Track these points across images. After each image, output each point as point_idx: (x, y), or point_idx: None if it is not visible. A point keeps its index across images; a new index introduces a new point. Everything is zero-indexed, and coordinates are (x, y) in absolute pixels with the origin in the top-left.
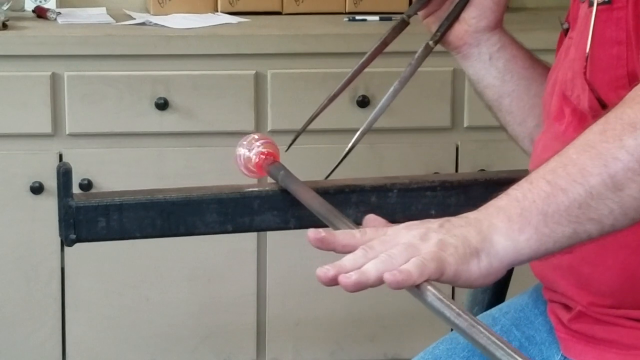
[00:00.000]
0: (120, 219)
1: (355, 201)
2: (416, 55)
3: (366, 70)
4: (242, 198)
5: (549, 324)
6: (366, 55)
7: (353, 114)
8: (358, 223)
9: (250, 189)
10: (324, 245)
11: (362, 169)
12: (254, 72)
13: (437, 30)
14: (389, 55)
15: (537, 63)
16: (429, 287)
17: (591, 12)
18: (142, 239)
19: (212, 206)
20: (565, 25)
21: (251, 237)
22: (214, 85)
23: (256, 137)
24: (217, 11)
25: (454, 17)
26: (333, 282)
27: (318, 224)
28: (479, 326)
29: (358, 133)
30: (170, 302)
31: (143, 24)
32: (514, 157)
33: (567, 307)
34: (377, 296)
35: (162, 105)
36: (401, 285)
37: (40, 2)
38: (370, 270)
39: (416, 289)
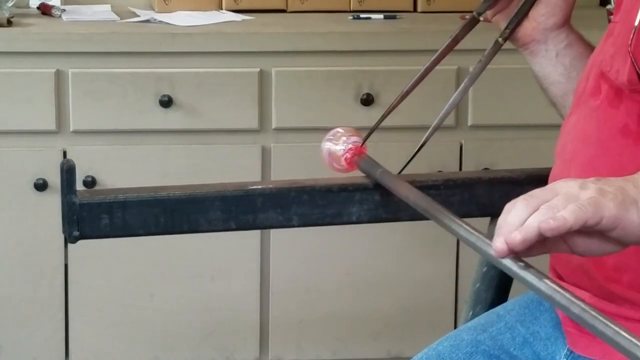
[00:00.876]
0: (123, 216)
1: (358, 199)
2: (486, 52)
3: (370, 68)
4: (246, 196)
5: (554, 320)
6: (437, 52)
7: (357, 112)
8: (360, 221)
9: (254, 187)
10: (520, 240)
11: None
12: (258, 69)
13: (506, 27)
14: (392, 54)
15: None
16: (518, 262)
17: None
18: (146, 237)
19: (216, 204)
20: (611, 17)
21: (255, 234)
22: (218, 82)
23: (341, 130)
24: (221, 9)
25: (523, 14)
26: (511, 251)
27: (321, 221)
28: (563, 292)
29: (430, 129)
30: (174, 300)
31: (147, 21)
32: (517, 156)
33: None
34: (380, 294)
35: (167, 102)
36: (557, 232)
37: None
38: (533, 224)
39: (508, 264)
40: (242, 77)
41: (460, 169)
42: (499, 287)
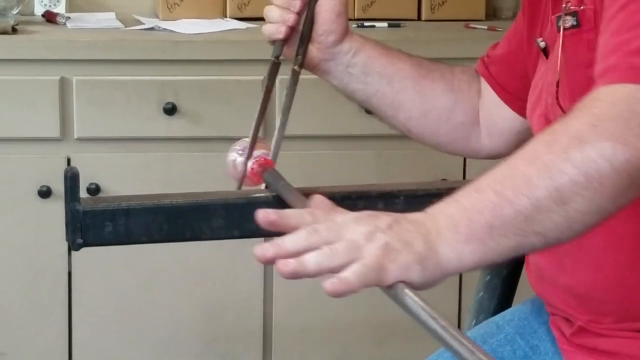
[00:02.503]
0: (127, 224)
1: (361, 207)
2: (288, 84)
3: None
4: (249, 204)
5: (552, 334)
6: (259, 109)
7: (360, 120)
8: None
9: (257, 195)
10: (274, 227)
11: (368, 176)
12: (262, 77)
13: (297, 54)
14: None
15: (396, 59)
16: (406, 290)
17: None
18: (149, 244)
19: (219, 211)
20: (542, 44)
21: (258, 242)
22: (222, 90)
23: (247, 140)
24: (226, 17)
25: (306, 39)
26: (270, 261)
27: None
28: (451, 329)
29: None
30: (177, 306)
31: (152, 29)
32: None
33: (569, 321)
34: (383, 301)
35: (170, 110)
36: (339, 294)
37: (50, 6)
38: (310, 262)
39: (392, 291)
40: (246, 85)
41: (464, 177)
42: (502, 296)
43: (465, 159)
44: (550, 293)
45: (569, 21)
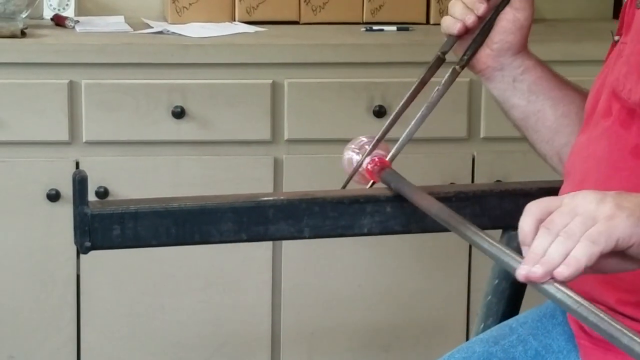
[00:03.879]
0: (135, 227)
1: (370, 211)
2: (443, 81)
3: (382, 80)
4: (257, 207)
5: (567, 333)
6: (406, 96)
7: (370, 124)
8: (372, 233)
9: (265, 198)
10: (542, 274)
11: None
12: (271, 81)
13: (464, 55)
14: (405, 66)
15: (565, 84)
16: (560, 287)
17: None
18: (157, 247)
19: (227, 215)
20: (617, 38)
21: (266, 245)
22: (231, 94)
23: (365, 139)
24: (234, 20)
25: (479, 42)
26: (539, 277)
27: (333, 233)
28: (597, 312)
29: (392, 151)
30: (185, 311)
31: (161, 32)
32: (530, 169)
33: None
34: (391, 306)
35: (179, 113)
36: (573, 276)
37: (59, 10)
38: (553, 256)
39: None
40: (255, 89)
41: (473, 181)
42: (510, 299)
43: (473, 164)
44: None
45: None
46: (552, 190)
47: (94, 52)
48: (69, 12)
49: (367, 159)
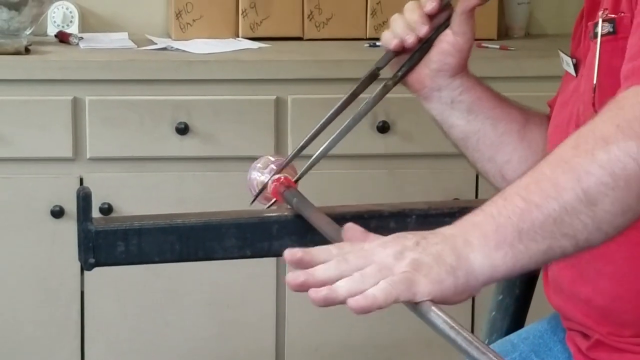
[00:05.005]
0: (139, 244)
1: (374, 226)
2: (373, 94)
3: (386, 95)
4: (261, 223)
5: (568, 352)
6: (337, 106)
7: (373, 139)
8: None
9: (269, 214)
10: (301, 266)
11: (381, 195)
12: (274, 97)
13: (398, 71)
14: None
15: (505, 102)
16: (433, 308)
17: (596, 44)
18: (161, 264)
19: (231, 231)
20: (573, 61)
21: (270, 261)
22: (234, 110)
23: (272, 159)
24: (238, 36)
25: (415, 61)
26: (301, 289)
27: None
28: (477, 343)
29: (305, 167)
30: (190, 326)
31: (164, 49)
32: None
33: (586, 336)
34: (395, 321)
35: (183, 130)
36: (365, 310)
37: (63, 27)
38: (341, 289)
39: (417, 308)
40: (259, 105)
41: (477, 196)
42: (514, 315)
43: (477, 179)
44: (569, 306)
45: (606, 28)
46: None
47: (98, 69)
48: (73, 29)
49: (271, 179)
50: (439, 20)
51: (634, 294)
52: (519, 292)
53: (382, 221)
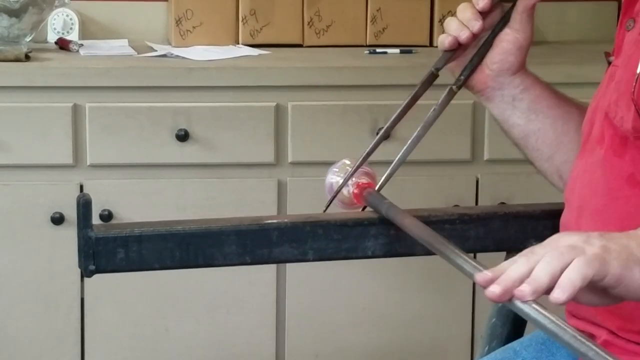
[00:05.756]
0: (139, 250)
1: (374, 233)
2: (440, 101)
3: (386, 102)
4: (261, 230)
5: (571, 356)
6: (398, 110)
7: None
8: (375, 256)
9: (269, 221)
10: (496, 284)
11: None
12: (274, 104)
13: (460, 75)
14: (408, 88)
15: (564, 101)
16: (534, 306)
17: (631, 35)
18: (161, 270)
19: (231, 238)
20: (611, 59)
21: (270, 268)
22: (234, 117)
23: (348, 162)
24: (238, 43)
25: (476, 62)
26: (505, 297)
27: (337, 256)
28: (578, 335)
29: (382, 179)
30: (190, 333)
31: (164, 55)
32: (534, 191)
33: (592, 336)
34: (396, 329)
35: (183, 136)
36: (570, 296)
37: (63, 34)
38: (540, 274)
39: (523, 305)
40: (259, 111)
41: (477, 203)
42: (515, 322)
43: (477, 186)
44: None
45: None
46: (556, 212)
47: (98, 76)
48: (73, 36)
49: (351, 183)
50: (493, 19)
51: None
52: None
53: (382, 228)
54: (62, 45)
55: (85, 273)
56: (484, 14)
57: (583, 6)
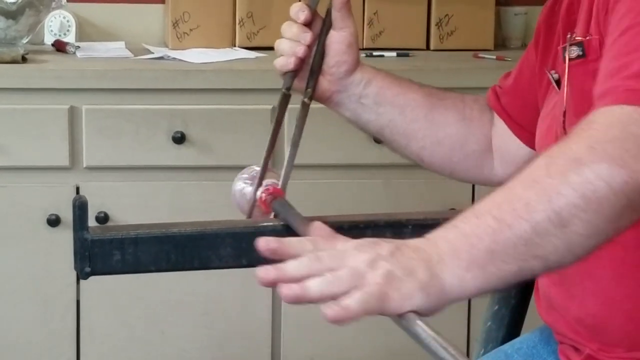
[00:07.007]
0: (135, 253)
1: (369, 237)
2: (297, 116)
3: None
4: (257, 232)
5: None
6: (269, 140)
7: (369, 149)
8: None
9: (265, 224)
10: (274, 255)
11: (376, 205)
12: (271, 106)
13: (307, 87)
14: None
15: (407, 88)
16: (418, 321)
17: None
18: (157, 273)
19: (227, 240)
20: (555, 76)
21: None
22: (231, 119)
23: (257, 168)
24: (235, 46)
25: (317, 70)
26: (272, 284)
27: None
28: (461, 358)
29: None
30: (185, 336)
31: (161, 58)
32: None
33: (577, 350)
34: (392, 331)
35: (179, 139)
36: (340, 321)
37: (60, 36)
38: (313, 288)
39: (401, 319)
40: (255, 114)
41: None
42: (510, 325)
43: (474, 189)
44: (559, 322)
45: (575, 51)
46: None
47: (94, 78)
48: (70, 38)
49: (260, 190)
50: (317, 28)
51: (621, 312)
52: (514, 303)
53: (377, 231)
54: (59, 47)
55: (81, 275)
56: (308, 25)
57: None
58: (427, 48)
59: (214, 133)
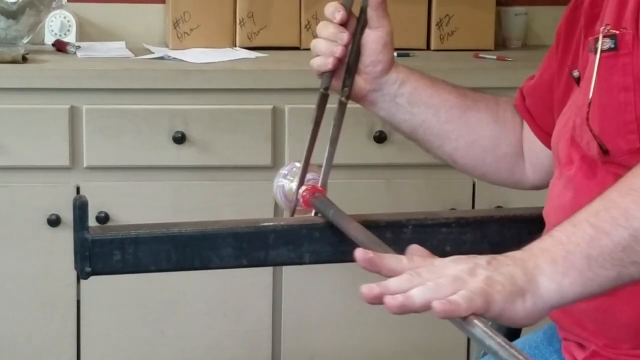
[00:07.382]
0: (135, 252)
1: None
2: (335, 116)
3: None
4: (258, 232)
5: None
6: (309, 139)
7: (371, 149)
8: None
9: (266, 223)
10: (371, 267)
11: (377, 205)
12: (271, 106)
13: (344, 86)
14: None
15: (442, 89)
16: (476, 321)
17: (595, 58)
18: (158, 273)
19: (228, 240)
20: (576, 74)
21: (267, 271)
22: (231, 119)
23: (298, 165)
24: (235, 46)
25: (353, 70)
26: (376, 300)
27: (333, 258)
28: (521, 357)
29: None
30: (186, 336)
31: (162, 58)
32: (530, 195)
33: (582, 346)
34: (392, 332)
35: (180, 139)
36: (449, 315)
37: (60, 36)
38: (416, 295)
39: (463, 321)
40: (256, 114)
41: (473, 207)
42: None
43: (474, 189)
44: (565, 317)
45: (607, 44)
46: None
47: (95, 78)
48: (70, 38)
49: (302, 188)
50: (352, 27)
51: (628, 307)
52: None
53: (378, 231)
54: (60, 47)
55: (82, 275)
56: (343, 24)
57: None
58: (428, 48)
59: (215, 133)
